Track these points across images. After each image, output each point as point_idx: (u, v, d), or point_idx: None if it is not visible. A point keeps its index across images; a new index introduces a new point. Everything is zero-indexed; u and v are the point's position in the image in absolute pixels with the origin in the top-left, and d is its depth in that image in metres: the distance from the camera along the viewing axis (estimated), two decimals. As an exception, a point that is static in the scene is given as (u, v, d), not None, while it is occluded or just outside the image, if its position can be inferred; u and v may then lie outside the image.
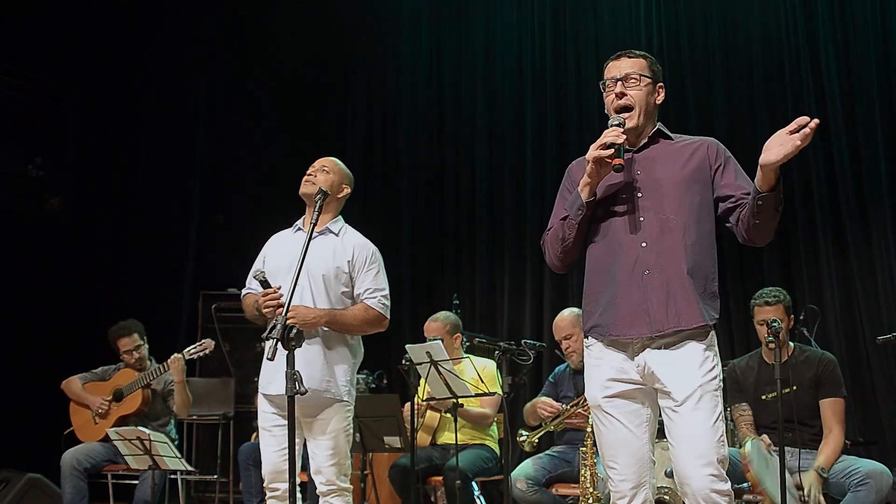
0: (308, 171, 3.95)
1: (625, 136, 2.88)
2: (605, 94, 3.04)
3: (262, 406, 3.83)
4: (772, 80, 6.82)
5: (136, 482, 5.55)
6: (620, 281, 2.88)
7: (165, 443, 5.02)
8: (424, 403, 5.19)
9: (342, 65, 8.45)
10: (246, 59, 8.43)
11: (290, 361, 2.99)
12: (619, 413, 2.88)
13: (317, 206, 3.54)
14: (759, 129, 6.73)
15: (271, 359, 3.05)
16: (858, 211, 6.43)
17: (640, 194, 2.92)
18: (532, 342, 4.90)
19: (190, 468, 5.20)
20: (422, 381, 4.85)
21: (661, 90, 3.06)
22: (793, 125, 2.65)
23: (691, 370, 2.79)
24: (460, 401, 4.84)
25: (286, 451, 3.71)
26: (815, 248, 6.51)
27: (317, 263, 3.80)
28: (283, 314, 3.09)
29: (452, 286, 7.53)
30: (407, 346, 4.75)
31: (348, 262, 3.84)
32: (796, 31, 6.75)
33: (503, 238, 7.63)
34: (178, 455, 5.08)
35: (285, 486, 3.75)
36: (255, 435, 6.12)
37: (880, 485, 4.12)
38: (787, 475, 4.03)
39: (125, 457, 5.13)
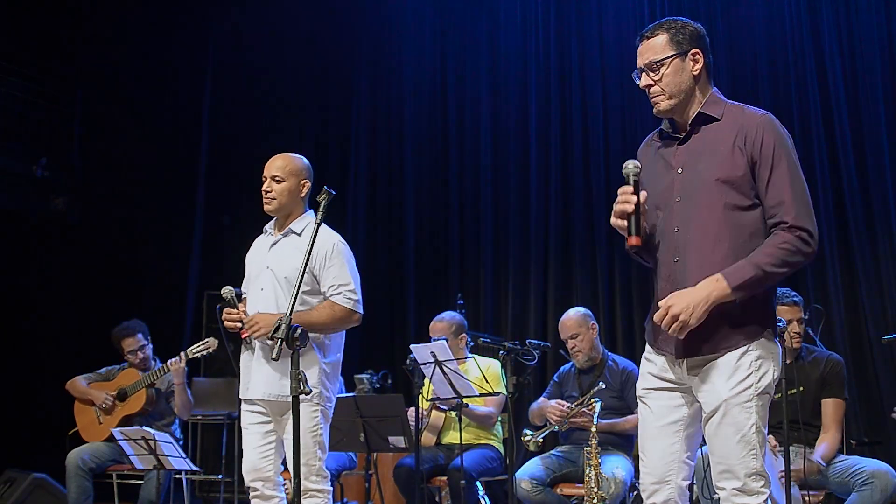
0: (263, 187, 3.87)
1: (632, 206, 2.68)
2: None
3: (243, 405, 3.83)
4: (776, 76, 6.80)
5: (140, 482, 5.56)
6: (658, 295, 2.77)
7: (170, 443, 5.02)
8: (429, 403, 5.18)
9: (347, 63, 8.45)
10: (251, 58, 8.43)
11: (295, 361, 2.99)
12: (655, 406, 2.81)
13: (322, 207, 3.43)
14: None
15: (275, 359, 3.05)
16: (863, 210, 6.42)
17: (678, 198, 2.73)
18: (537, 342, 4.89)
19: (195, 468, 5.20)
20: (426, 381, 4.85)
21: (696, 57, 2.77)
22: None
23: (719, 383, 2.65)
24: (465, 401, 4.85)
25: (265, 448, 3.76)
26: (819, 248, 6.46)
27: (281, 267, 3.79)
28: (287, 315, 3.08)
29: (457, 286, 7.53)
30: (411, 346, 4.75)
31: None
32: (801, 32, 6.74)
33: (508, 238, 7.62)
34: (183, 455, 5.08)
35: (263, 484, 3.74)
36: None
37: (885, 484, 4.12)
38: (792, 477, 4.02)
39: (130, 457, 5.13)
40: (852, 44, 6.64)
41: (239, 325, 3.73)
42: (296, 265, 3.73)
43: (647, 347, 2.90)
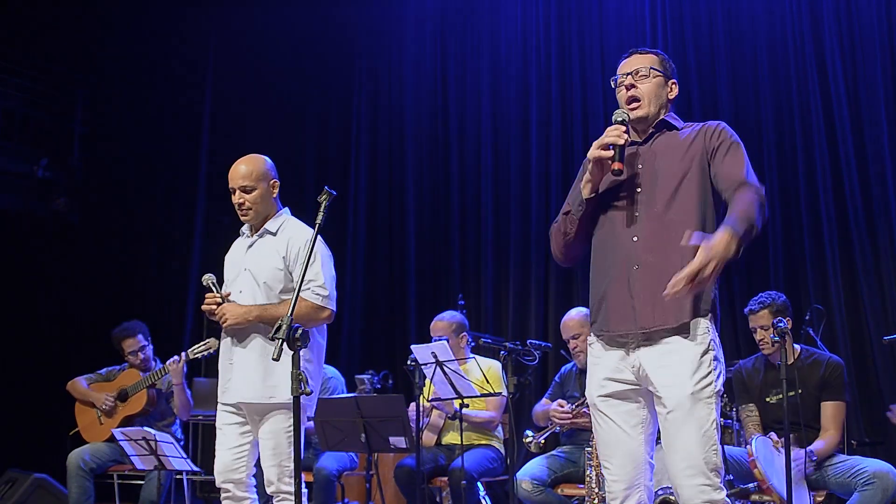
0: (234, 200, 3.83)
1: (626, 137, 2.86)
2: (617, 91, 3.04)
3: (220, 405, 3.82)
4: (777, 79, 6.80)
5: (141, 482, 5.56)
6: (612, 276, 2.88)
7: (171, 443, 5.02)
8: (429, 404, 5.18)
9: (348, 65, 8.45)
10: (252, 60, 8.44)
11: (296, 362, 2.99)
12: (613, 413, 2.86)
13: (322, 208, 3.36)
14: (764, 128, 6.72)
15: (276, 359, 3.05)
16: (864, 210, 6.41)
17: (639, 189, 2.91)
18: (537, 342, 4.89)
19: (195, 468, 5.20)
20: (427, 381, 4.85)
21: (673, 86, 3.04)
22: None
23: (683, 377, 2.74)
24: (466, 401, 4.85)
25: (240, 450, 3.74)
26: (820, 248, 6.48)
27: (258, 269, 3.79)
28: (289, 317, 3.07)
29: (458, 286, 7.53)
30: (412, 347, 4.75)
31: (283, 258, 3.77)
32: (802, 30, 6.72)
33: (509, 238, 7.61)
34: (184, 455, 5.08)
35: (234, 486, 3.72)
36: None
37: (886, 484, 4.12)
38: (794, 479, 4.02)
39: (131, 457, 5.13)
40: (852, 37, 6.61)
41: (214, 307, 3.74)
42: (274, 265, 3.76)
43: (596, 350, 2.93)
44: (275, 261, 3.78)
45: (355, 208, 8.21)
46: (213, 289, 3.81)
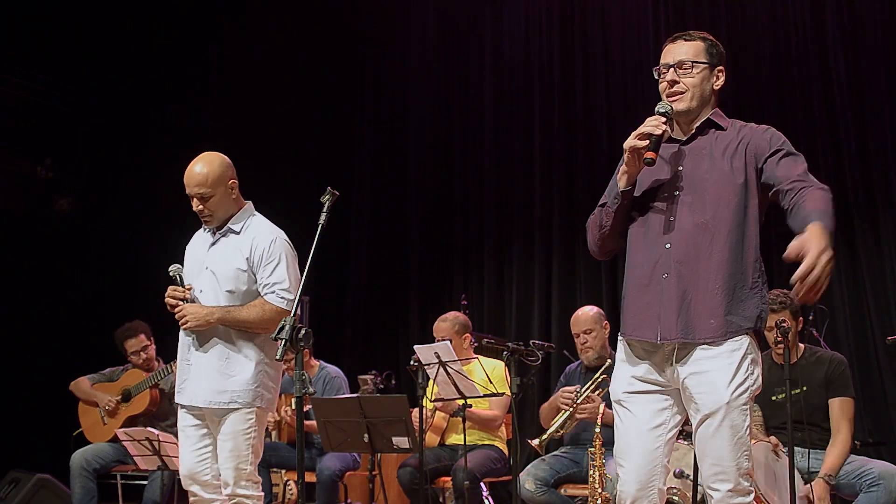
0: (195, 208, 3.79)
1: (665, 127, 2.74)
2: (659, 81, 2.88)
3: (179, 408, 3.78)
4: (781, 75, 6.78)
5: (145, 482, 5.57)
6: (639, 280, 2.80)
7: (174, 443, 5.02)
8: (432, 405, 5.18)
9: (351, 63, 8.45)
10: (254, 62, 8.43)
11: (299, 362, 2.98)
12: (638, 410, 2.80)
13: (325, 208, 3.33)
14: (767, 123, 6.69)
15: (279, 359, 3.04)
16: (867, 209, 6.39)
17: (679, 192, 2.78)
18: (540, 343, 4.88)
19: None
20: (430, 381, 4.85)
21: (720, 74, 2.87)
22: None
23: (721, 386, 2.67)
24: (469, 401, 4.85)
25: (201, 452, 3.69)
26: (822, 247, 6.46)
27: (221, 270, 3.73)
28: (292, 317, 3.06)
29: (461, 287, 7.53)
30: (415, 347, 4.75)
31: (246, 259, 3.71)
32: (804, 26, 6.71)
33: (511, 238, 7.61)
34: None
35: (199, 488, 3.68)
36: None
37: (892, 485, 4.10)
38: (797, 480, 4.01)
39: (134, 457, 5.14)
40: (854, 32, 6.59)
41: (179, 303, 3.67)
42: (237, 267, 3.70)
43: (625, 349, 2.87)
44: (238, 262, 3.71)
45: (358, 208, 8.21)
46: (179, 280, 3.73)
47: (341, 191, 3.46)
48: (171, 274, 3.78)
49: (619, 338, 2.93)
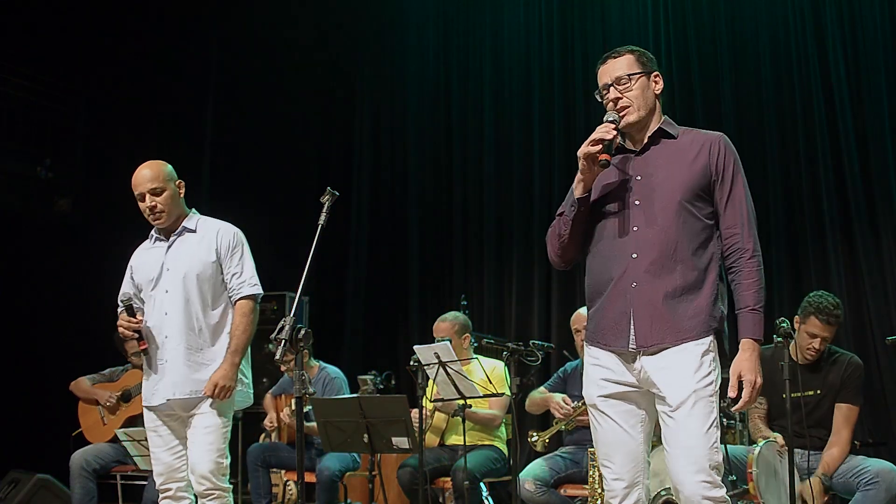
0: (146, 205, 3.82)
1: (616, 133, 2.82)
2: (603, 103, 2.97)
3: (146, 411, 3.83)
4: (780, 76, 6.79)
5: (144, 483, 5.56)
6: (609, 291, 2.87)
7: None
8: (431, 405, 5.18)
9: (349, 69, 8.46)
10: (255, 60, 8.43)
11: (299, 363, 2.99)
12: (613, 412, 2.87)
13: (325, 208, 3.35)
14: (766, 125, 6.72)
15: (278, 360, 3.04)
16: (867, 208, 6.39)
17: (636, 201, 2.87)
18: (540, 343, 4.89)
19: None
20: (430, 382, 4.85)
21: (657, 79, 2.96)
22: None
23: (686, 376, 2.75)
24: (469, 401, 4.85)
25: (177, 449, 3.77)
26: (823, 247, 6.48)
27: (183, 266, 3.79)
28: (292, 317, 3.06)
29: (460, 287, 7.53)
30: (415, 347, 4.75)
31: (215, 249, 3.82)
32: (804, 25, 6.72)
33: (511, 239, 7.62)
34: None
35: (177, 485, 3.74)
36: (263, 436, 6.13)
37: (889, 484, 4.11)
38: (797, 480, 4.02)
39: (134, 457, 5.14)
40: (854, 31, 6.59)
41: (137, 335, 3.75)
42: (205, 259, 3.78)
43: (594, 352, 2.94)
44: (205, 254, 3.80)
45: (358, 208, 8.21)
46: (131, 311, 3.78)
47: (341, 191, 3.47)
48: (122, 302, 3.84)
49: (585, 344, 2.99)
